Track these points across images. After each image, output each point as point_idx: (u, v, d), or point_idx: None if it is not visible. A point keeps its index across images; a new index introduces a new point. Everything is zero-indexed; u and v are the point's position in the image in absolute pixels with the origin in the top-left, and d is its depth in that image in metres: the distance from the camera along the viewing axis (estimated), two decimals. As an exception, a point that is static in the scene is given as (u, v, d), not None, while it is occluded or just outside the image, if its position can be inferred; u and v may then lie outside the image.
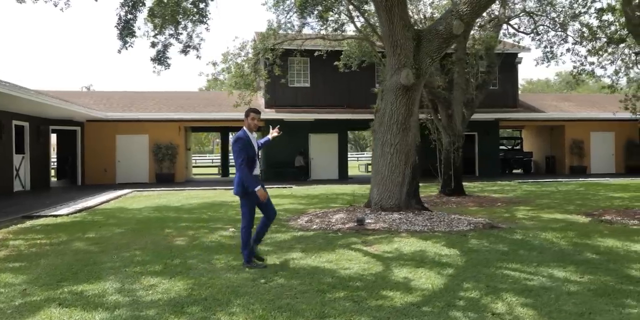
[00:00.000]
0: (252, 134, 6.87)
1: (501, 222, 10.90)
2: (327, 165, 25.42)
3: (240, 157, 6.64)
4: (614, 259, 7.40)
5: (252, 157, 6.72)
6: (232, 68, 17.73)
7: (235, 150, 6.70)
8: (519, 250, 7.91)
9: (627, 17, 12.14)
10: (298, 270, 6.66)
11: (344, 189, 19.43)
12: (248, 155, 6.68)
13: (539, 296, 5.58)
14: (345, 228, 9.57)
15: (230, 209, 13.73)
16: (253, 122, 6.86)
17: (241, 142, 6.69)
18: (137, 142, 23.98)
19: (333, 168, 25.52)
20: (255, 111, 6.98)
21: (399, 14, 9.91)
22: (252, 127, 6.87)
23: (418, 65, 10.10)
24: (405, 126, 10.32)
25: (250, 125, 6.85)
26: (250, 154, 6.69)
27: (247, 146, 6.70)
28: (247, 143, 6.71)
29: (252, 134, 6.88)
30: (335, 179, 25.14)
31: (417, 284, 6.04)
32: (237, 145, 6.70)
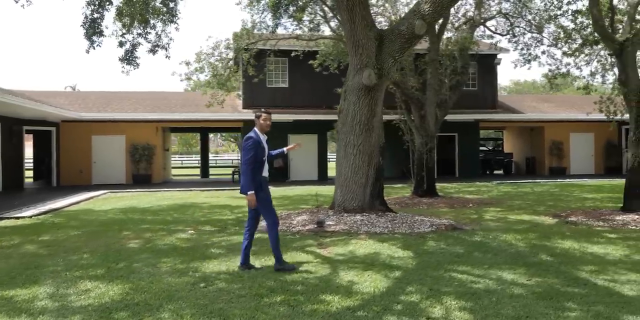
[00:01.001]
0: (263, 135, 6.75)
1: (466, 224, 10.83)
2: (306, 166, 25.30)
3: (248, 154, 6.51)
4: (567, 261, 7.33)
5: (260, 158, 6.61)
6: (205, 68, 17.56)
7: (245, 149, 6.57)
8: (474, 253, 7.83)
9: (594, 19, 12.10)
10: (243, 273, 6.53)
11: (322, 190, 19.30)
12: (257, 156, 6.55)
13: (480, 299, 5.49)
14: (304, 230, 9.45)
15: (198, 210, 13.58)
16: (265, 123, 6.75)
17: (252, 141, 6.56)
18: (114, 142, 23.74)
19: (313, 169, 25.39)
20: (267, 112, 6.86)
21: (360, 13, 9.81)
22: (264, 128, 6.76)
23: (380, 66, 10.00)
24: (368, 127, 10.22)
25: (262, 126, 6.74)
26: (259, 155, 6.57)
27: (257, 146, 6.57)
28: (257, 143, 6.58)
29: (264, 135, 6.76)
30: (315, 179, 25.01)
31: (360, 287, 5.93)
32: (248, 143, 6.56)
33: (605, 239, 9.05)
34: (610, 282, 6.23)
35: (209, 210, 13.48)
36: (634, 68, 11.88)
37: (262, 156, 6.62)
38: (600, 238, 9.16)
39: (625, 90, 11.85)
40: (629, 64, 11.78)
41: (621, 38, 12.00)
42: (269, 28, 16.78)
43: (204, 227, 10.42)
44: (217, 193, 19.22)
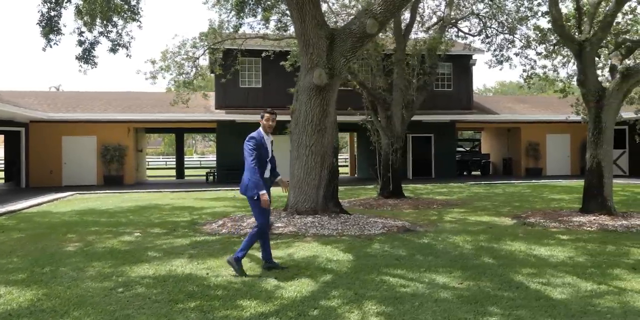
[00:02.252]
0: (268, 135, 6.59)
1: (422, 225, 10.69)
2: (282, 167, 25.03)
3: (251, 155, 6.34)
4: (509, 263, 7.20)
5: (263, 159, 6.47)
6: (171, 66, 17.34)
7: (247, 149, 6.39)
8: (417, 255, 7.68)
9: (553, 19, 12.00)
10: (168, 277, 6.35)
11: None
12: (260, 157, 6.40)
13: (402, 304, 5.34)
14: (251, 232, 9.25)
15: (157, 212, 13.37)
16: (268, 123, 6.58)
17: (253, 142, 6.39)
18: (84, 143, 23.43)
19: (285, 170, 25.16)
20: (270, 112, 6.69)
21: (310, 12, 9.64)
22: (267, 128, 6.58)
23: (332, 65, 9.83)
24: (321, 127, 10.06)
25: (265, 126, 6.58)
26: (262, 155, 6.42)
27: (260, 146, 6.41)
28: (259, 143, 6.42)
29: (268, 136, 6.60)
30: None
31: (284, 292, 5.76)
32: (249, 144, 6.40)
33: (556, 241, 8.95)
34: (544, 285, 6.11)
35: (168, 212, 13.28)
36: (593, 69, 11.80)
37: (265, 157, 6.47)
38: (551, 239, 9.05)
39: (584, 91, 11.77)
40: (587, 65, 11.69)
41: (581, 38, 11.91)
42: (234, 27, 16.58)
43: (153, 230, 10.22)
44: (186, 194, 19.01)
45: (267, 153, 6.52)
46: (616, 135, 26.45)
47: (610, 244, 8.64)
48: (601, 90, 11.59)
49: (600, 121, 11.52)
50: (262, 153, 6.44)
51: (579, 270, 6.82)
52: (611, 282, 6.25)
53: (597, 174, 11.50)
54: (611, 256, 7.68)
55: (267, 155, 6.49)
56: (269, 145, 6.60)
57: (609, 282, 6.22)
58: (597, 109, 11.55)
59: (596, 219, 10.94)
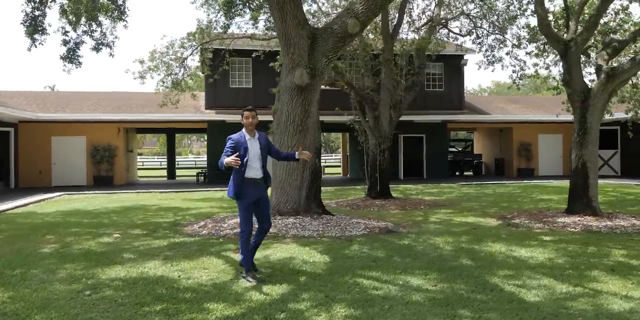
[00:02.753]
0: (255, 135, 6.42)
1: (405, 226, 10.63)
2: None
3: (223, 153, 6.24)
4: (487, 265, 7.13)
5: (242, 158, 6.24)
6: (159, 67, 17.24)
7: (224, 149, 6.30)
8: (394, 257, 7.61)
9: (539, 18, 11.93)
10: (139, 280, 6.26)
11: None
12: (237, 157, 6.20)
13: (372, 307, 5.27)
14: (232, 234, 9.18)
15: (142, 213, 13.27)
16: (247, 121, 6.37)
17: (229, 142, 6.30)
18: (74, 143, 23.31)
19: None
20: (248, 109, 6.49)
21: (291, 11, 9.56)
22: (248, 126, 6.39)
23: (313, 65, 9.75)
24: (303, 128, 9.97)
25: (245, 124, 6.40)
26: (240, 156, 6.20)
27: (236, 147, 6.25)
28: (236, 143, 6.27)
29: (254, 135, 6.42)
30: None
31: (254, 294, 5.69)
32: (227, 144, 6.33)
33: (538, 242, 8.88)
34: (519, 287, 6.04)
35: (152, 213, 13.19)
36: (578, 69, 11.74)
37: (242, 157, 6.25)
38: (534, 241, 8.98)
39: (569, 91, 11.71)
40: (573, 65, 11.63)
41: (566, 38, 11.85)
42: (223, 27, 16.49)
43: (133, 231, 10.13)
44: (175, 195, 18.91)
45: (247, 152, 6.30)
46: (608, 135, 26.78)
47: (592, 245, 8.58)
48: (586, 91, 11.53)
49: (585, 121, 11.46)
50: (241, 152, 6.25)
51: (556, 272, 6.76)
52: (588, 284, 6.19)
53: (583, 175, 11.44)
54: (591, 257, 7.62)
55: (245, 155, 6.28)
56: (254, 145, 6.39)
57: (585, 284, 6.16)
58: (583, 109, 11.49)
59: (581, 219, 10.88)
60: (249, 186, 6.35)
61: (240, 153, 6.23)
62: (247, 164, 6.33)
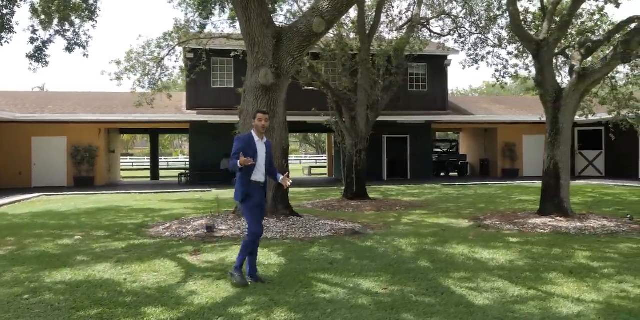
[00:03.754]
0: (263, 139, 6.32)
1: (374, 228, 10.52)
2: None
3: (232, 155, 6.11)
4: (444, 267, 7.03)
5: None
6: (136, 67, 17.08)
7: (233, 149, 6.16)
8: (352, 259, 7.50)
9: (511, 17, 11.86)
10: (83, 283, 6.12)
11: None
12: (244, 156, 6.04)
13: (314, 311, 5.16)
14: (193, 235, 9.06)
15: (113, 214, 13.12)
16: (260, 124, 6.30)
17: (237, 142, 6.20)
18: (55, 144, 23.09)
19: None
20: (263, 111, 6.48)
21: (255, 11, 9.42)
22: (259, 129, 6.30)
23: (278, 65, 9.62)
24: (268, 128, 9.81)
25: (257, 126, 6.32)
26: (248, 156, 6.04)
27: (245, 148, 6.12)
28: (244, 144, 6.17)
29: (263, 138, 6.32)
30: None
31: (197, 298, 5.56)
32: (235, 144, 6.20)
33: (504, 243, 8.79)
34: (471, 290, 5.94)
35: (124, 214, 13.03)
36: (550, 69, 11.66)
37: (252, 157, 6.09)
38: (499, 242, 8.89)
39: (542, 91, 11.63)
40: (545, 65, 11.55)
41: (539, 38, 11.77)
42: (200, 27, 16.34)
43: (97, 232, 9.98)
44: (154, 196, 18.74)
45: (256, 154, 6.16)
46: (593, 136, 26.72)
47: (557, 246, 8.50)
48: (558, 91, 11.45)
49: (557, 122, 11.37)
50: (249, 154, 6.08)
51: (514, 274, 6.66)
52: (542, 286, 6.09)
53: (554, 176, 11.35)
54: (553, 259, 7.53)
55: (254, 157, 6.12)
56: (262, 148, 6.28)
57: (539, 287, 6.06)
58: (555, 110, 11.41)
59: (551, 221, 10.79)
60: (254, 188, 6.23)
61: (249, 155, 6.07)
62: (255, 167, 6.20)
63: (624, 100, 15.89)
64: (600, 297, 5.67)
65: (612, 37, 12.15)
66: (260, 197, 6.29)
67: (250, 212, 6.21)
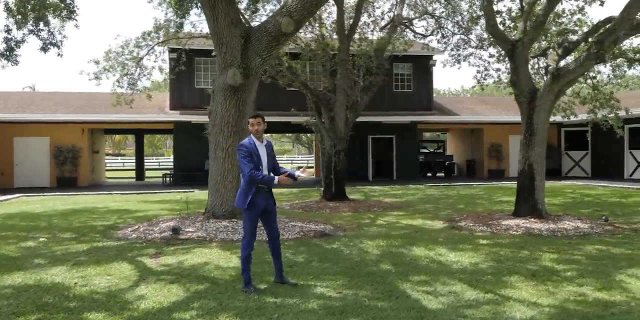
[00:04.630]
0: (263, 142, 6.11)
1: (346, 229, 10.42)
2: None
3: (247, 167, 5.88)
4: (406, 270, 6.94)
5: (256, 166, 5.95)
6: (115, 67, 16.94)
7: (239, 159, 5.96)
8: (314, 262, 7.41)
9: (486, 18, 11.79)
10: (31, 287, 6.01)
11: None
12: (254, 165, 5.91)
13: (260, 316, 5.08)
14: (158, 237, 8.95)
15: (87, 215, 12.98)
16: (253, 128, 6.04)
17: (243, 151, 5.94)
18: (37, 144, 22.91)
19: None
20: (256, 115, 6.18)
21: (223, 10, 9.32)
22: (255, 133, 6.06)
23: (246, 65, 9.51)
24: (238, 129, 9.74)
25: (252, 132, 6.09)
26: (255, 164, 5.92)
27: (251, 154, 5.93)
28: (249, 150, 5.94)
29: (262, 141, 6.11)
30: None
31: (144, 303, 5.46)
32: (239, 153, 5.95)
33: (472, 245, 8.70)
34: (428, 294, 5.85)
35: (97, 216, 12.89)
36: (525, 69, 11.58)
37: (258, 164, 5.97)
38: (469, 244, 8.80)
39: (517, 91, 11.55)
40: (519, 65, 11.47)
41: (514, 38, 11.70)
42: (177, 26, 16.22)
43: (64, 234, 9.85)
44: (134, 197, 18.59)
45: (260, 160, 5.99)
46: (579, 136, 26.68)
47: (526, 248, 8.42)
48: (533, 91, 11.38)
49: (532, 122, 11.30)
50: (254, 160, 5.94)
51: (474, 277, 6.58)
52: (500, 290, 6.01)
53: (529, 177, 11.28)
54: (518, 262, 7.45)
55: (259, 163, 5.97)
56: (263, 151, 6.09)
57: (497, 291, 5.98)
58: (529, 110, 11.34)
59: (525, 222, 10.71)
60: (258, 195, 6.04)
61: (254, 160, 5.93)
62: (261, 172, 6.01)
63: (604, 100, 15.82)
64: (556, 301, 5.59)
65: (589, 37, 12.07)
66: (265, 204, 6.10)
67: (250, 219, 6.07)
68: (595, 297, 5.73)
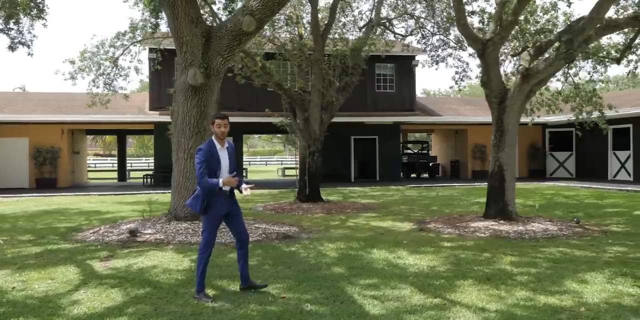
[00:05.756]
0: (225, 145, 5.83)
1: (311, 232, 10.28)
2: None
3: (199, 168, 5.63)
4: (359, 273, 6.81)
5: (214, 170, 5.68)
6: (91, 67, 16.75)
7: (196, 163, 5.69)
8: (266, 265, 7.27)
9: (457, 17, 11.67)
10: None
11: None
12: (210, 168, 5.66)
13: (193, 322, 4.90)
14: (115, 240, 8.78)
15: (56, 217, 12.80)
16: (219, 130, 5.76)
17: (200, 154, 5.67)
18: (16, 145, 22.67)
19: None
20: (219, 116, 5.84)
21: (183, 9, 9.15)
22: (219, 135, 5.79)
23: (207, 64, 9.36)
24: (199, 129, 9.57)
25: (216, 133, 5.80)
26: (213, 167, 5.67)
27: (209, 158, 5.67)
28: (207, 154, 5.68)
29: (226, 144, 5.84)
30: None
31: (77, 308, 5.30)
32: (197, 156, 5.69)
33: (435, 248, 8.57)
34: (374, 298, 5.72)
35: (65, 217, 12.71)
36: (496, 69, 11.47)
37: (215, 168, 5.70)
38: (431, 247, 8.67)
39: (487, 91, 11.45)
40: (490, 65, 11.36)
41: (484, 38, 11.58)
42: (153, 26, 16.04)
43: (23, 237, 9.66)
44: (111, 198, 18.39)
45: (219, 164, 5.73)
46: (563, 137, 26.62)
47: (489, 251, 8.30)
48: (504, 92, 11.27)
49: (502, 123, 11.19)
50: (212, 164, 5.70)
51: (427, 281, 6.44)
52: (450, 294, 5.88)
53: (499, 178, 11.18)
54: (477, 265, 7.32)
55: (217, 167, 5.71)
56: (224, 155, 5.82)
57: (446, 295, 5.85)
58: (500, 111, 11.25)
59: (494, 224, 10.60)
60: (218, 199, 5.77)
61: (212, 165, 5.68)
62: (218, 176, 5.74)
63: (587, 97, 15.71)
64: (504, 307, 5.46)
65: (562, 36, 11.97)
66: (225, 207, 5.84)
67: (210, 224, 5.81)
68: (546, 302, 5.60)
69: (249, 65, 14.90)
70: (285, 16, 17.01)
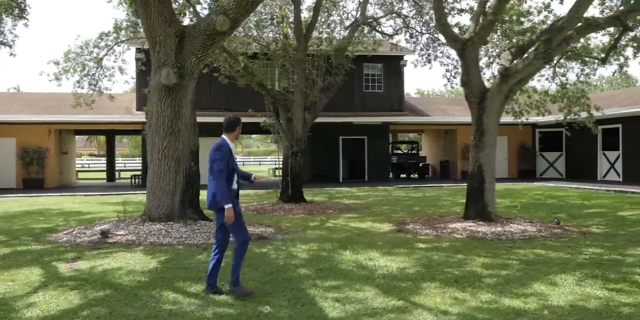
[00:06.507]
0: (233, 144, 6.00)
1: (288, 232, 10.22)
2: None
3: (219, 166, 5.72)
4: (326, 275, 6.75)
5: (232, 168, 5.87)
6: (75, 67, 16.63)
7: (216, 159, 5.76)
8: (235, 267, 7.16)
9: (436, 17, 11.61)
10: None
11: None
12: (228, 166, 5.79)
13: (145, 326, 4.82)
14: (86, 241, 8.70)
15: (34, 217, 12.70)
16: (238, 134, 6.08)
17: (223, 150, 5.80)
18: (3, 145, 22.55)
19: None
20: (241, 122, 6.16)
21: (156, 8, 9.07)
22: (235, 139, 6.04)
23: (181, 64, 9.28)
24: (174, 130, 9.50)
25: (236, 135, 6.05)
26: (230, 165, 5.84)
27: (229, 156, 5.85)
28: (228, 152, 5.85)
29: (233, 144, 6.01)
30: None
31: (31, 310, 5.23)
32: (218, 153, 5.77)
33: (408, 250, 8.50)
34: (336, 301, 5.66)
35: (44, 218, 12.61)
36: (476, 69, 11.41)
37: (232, 166, 5.86)
38: (405, 248, 8.60)
39: (467, 91, 11.38)
40: (470, 65, 11.31)
41: (464, 38, 11.53)
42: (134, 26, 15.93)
43: (-5, 238, 9.57)
44: (95, 198, 18.28)
45: (235, 162, 5.96)
46: (553, 137, 26.58)
47: (463, 253, 8.24)
48: (484, 92, 11.21)
49: (482, 123, 11.13)
50: (230, 163, 5.85)
51: (394, 283, 6.38)
52: (414, 297, 5.82)
53: (479, 179, 11.10)
54: (447, 267, 7.26)
55: (235, 165, 5.93)
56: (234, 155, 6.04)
57: (410, 298, 5.79)
58: (480, 111, 11.17)
59: (472, 225, 10.53)
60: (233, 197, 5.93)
61: (231, 162, 5.86)
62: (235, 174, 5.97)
63: (575, 98, 15.66)
64: (467, 310, 5.40)
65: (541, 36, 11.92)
66: (238, 205, 6.00)
67: (238, 220, 5.91)
68: (509, 305, 5.54)
69: (232, 65, 14.82)
70: (270, 16, 16.92)
